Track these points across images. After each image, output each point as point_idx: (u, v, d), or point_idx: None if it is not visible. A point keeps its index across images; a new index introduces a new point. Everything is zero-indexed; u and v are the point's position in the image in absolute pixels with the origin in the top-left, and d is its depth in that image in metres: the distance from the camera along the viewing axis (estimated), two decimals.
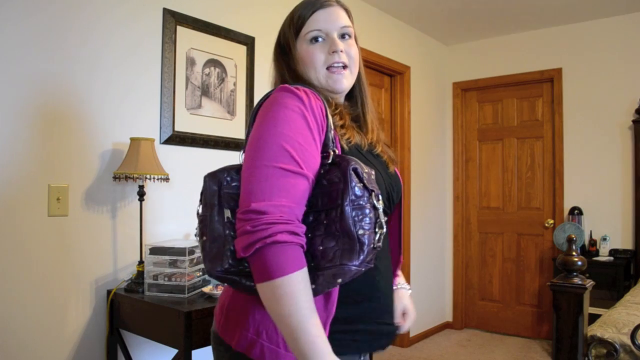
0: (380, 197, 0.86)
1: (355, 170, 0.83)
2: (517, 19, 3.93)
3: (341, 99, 1.09)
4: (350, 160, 0.85)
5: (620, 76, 3.75)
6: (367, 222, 0.82)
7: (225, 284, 0.93)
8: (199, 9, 2.47)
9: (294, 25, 1.04)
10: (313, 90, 0.95)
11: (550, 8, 3.68)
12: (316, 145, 0.89)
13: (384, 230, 0.85)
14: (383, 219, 0.85)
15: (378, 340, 0.99)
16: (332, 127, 0.93)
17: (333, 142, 0.92)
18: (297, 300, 0.77)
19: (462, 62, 4.52)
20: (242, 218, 0.82)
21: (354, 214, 0.81)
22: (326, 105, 0.94)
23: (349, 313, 0.94)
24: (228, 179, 0.91)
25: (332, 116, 0.97)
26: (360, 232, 0.81)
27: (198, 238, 0.93)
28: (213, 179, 0.92)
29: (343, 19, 1.04)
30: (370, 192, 0.84)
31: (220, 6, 2.59)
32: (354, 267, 0.81)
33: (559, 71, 4.02)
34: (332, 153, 0.88)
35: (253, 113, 0.97)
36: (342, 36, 1.04)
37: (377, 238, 0.84)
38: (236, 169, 0.92)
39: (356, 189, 0.82)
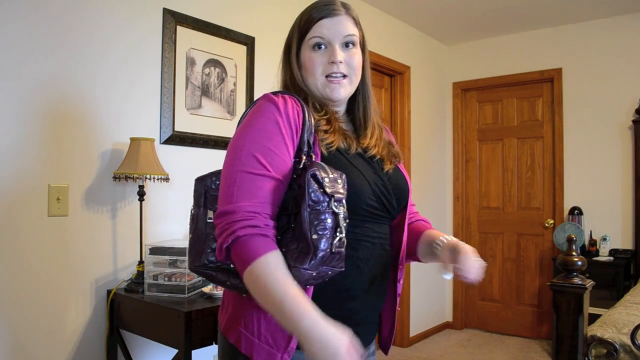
0: (342, 202, 0.86)
1: (314, 176, 0.84)
2: (517, 19, 3.93)
3: (342, 104, 1.10)
4: (312, 166, 0.86)
5: (620, 76, 3.75)
6: (323, 226, 0.83)
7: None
8: (199, 9, 2.47)
9: (300, 29, 1.06)
10: (294, 97, 0.99)
11: (550, 8, 3.68)
12: (287, 149, 0.92)
13: (343, 235, 0.85)
14: (343, 223, 0.85)
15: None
16: (313, 131, 0.96)
17: (310, 147, 0.94)
18: (270, 278, 0.82)
19: (462, 62, 4.52)
20: (215, 220, 0.90)
21: (311, 217, 0.83)
22: (305, 110, 0.97)
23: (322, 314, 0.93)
24: (215, 182, 0.99)
25: (319, 120, 1.00)
26: (315, 236, 0.83)
27: (189, 232, 1.02)
28: (201, 182, 1.00)
29: (348, 27, 1.04)
30: (330, 197, 0.84)
31: (220, 6, 2.58)
32: (306, 272, 0.83)
33: (559, 71, 4.02)
34: (304, 158, 0.91)
35: (239, 121, 1.03)
36: (346, 45, 1.04)
37: (336, 242, 0.84)
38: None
39: (313, 194, 0.84)
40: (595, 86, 3.86)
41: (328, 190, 0.84)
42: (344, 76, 1.04)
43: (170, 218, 2.35)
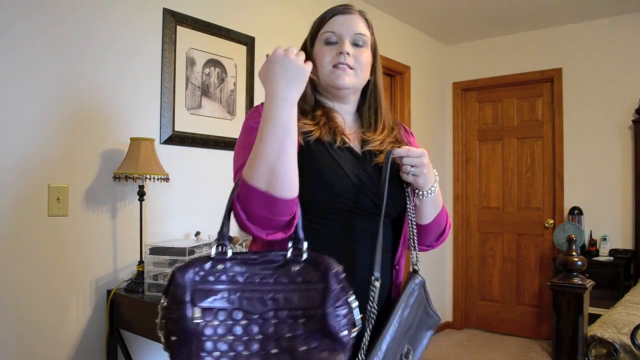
0: (354, 297, 0.85)
1: (336, 275, 0.82)
2: (517, 19, 3.93)
3: (349, 99, 1.11)
4: (330, 263, 0.84)
5: (620, 76, 3.75)
6: (345, 322, 0.82)
7: None
8: (199, 9, 2.47)
9: (315, 25, 1.11)
10: None
11: (550, 8, 3.68)
12: None
13: (359, 327, 0.85)
14: (358, 316, 0.84)
15: None
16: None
17: None
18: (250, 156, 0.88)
19: (462, 62, 4.52)
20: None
21: (336, 313, 0.81)
22: None
23: None
24: (199, 273, 0.84)
25: (302, 111, 1.03)
26: (343, 333, 0.81)
27: (162, 336, 0.84)
28: (182, 274, 0.83)
29: (359, 26, 1.08)
30: (347, 292, 0.84)
31: (220, 6, 2.58)
32: None
33: (559, 71, 4.02)
34: (304, 250, 0.86)
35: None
36: (356, 43, 1.07)
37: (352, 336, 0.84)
38: (208, 263, 0.85)
39: (337, 291, 0.82)
40: (595, 86, 3.86)
41: (346, 287, 0.84)
42: (350, 68, 1.06)
43: (170, 218, 2.35)
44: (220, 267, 0.85)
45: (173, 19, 2.35)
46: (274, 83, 0.88)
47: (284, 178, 0.85)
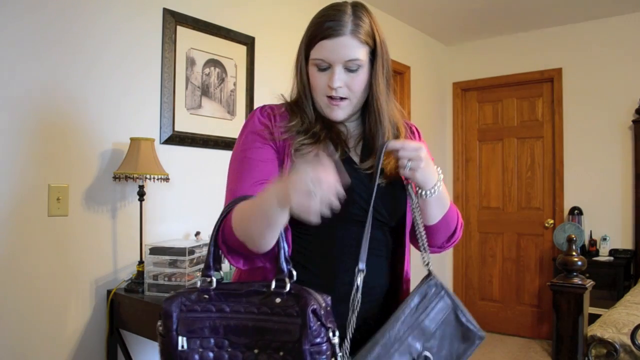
0: (336, 332, 0.84)
1: (314, 312, 0.82)
2: (517, 19, 3.92)
3: (352, 118, 1.10)
4: (309, 299, 0.83)
5: (620, 76, 3.75)
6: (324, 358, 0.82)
7: None
8: (199, 9, 2.47)
9: (305, 42, 1.04)
10: (274, 108, 1.07)
11: (550, 8, 3.68)
12: (263, 147, 1.02)
13: None
14: (339, 353, 0.84)
15: None
16: (280, 138, 1.02)
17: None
18: (240, 211, 0.89)
19: (462, 62, 4.52)
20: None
21: (312, 351, 0.81)
22: (270, 121, 1.04)
23: None
24: (186, 303, 0.88)
25: (297, 123, 1.03)
26: None
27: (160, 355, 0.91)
28: (169, 304, 0.88)
29: (350, 51, 0.98)
30: (327, 329, 0.83)
31: (220, 6, 2.58)
32: None
33: (559, 71, 4.02)
34: (287, 282, 0.86)
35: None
36: (348, 69, 0.99)
37: None
38: (195, 293, 0.89)
39: (314, 329, 0.82)
40: (595, 86, 3.86)
41: (325, 322, 0.83)
42: (343, 98, 1.02)
43: (170, 218, 2.35)
44: (205, 296, 0.88)
45: (173, 19, 2.35)
46: (282, 201, 0.80)
47: (265, 246, 0.89)
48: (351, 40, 0.98)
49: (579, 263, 1.70)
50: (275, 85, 1.14)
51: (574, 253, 1.73)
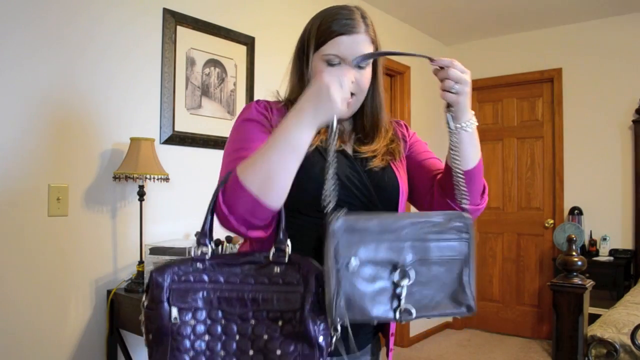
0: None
1: (317, 278, 0.81)
2: (517, 19, 3.93)
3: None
4: (312, 266, 0.82)
5: (620, 76, 3.75)
6: (324, 327, 0.81)
7: None
8: (199, 9, 2.47)
9: (316, 38, 1.03)
10: (270, 102, 1.07)
11: (550, 8, 3.68)
12: (264, 133, 1.00)
13: (338, 333, 0.83)
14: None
15: None
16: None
17: None
18: (253, 157, 0.86)
19: (462, 62, 4.44)
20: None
21: (312, 315, 0.80)
22: (267, 112, 1.05)
23: None
24: (178, 272, 0.84)
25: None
26: (320, 339, 0.80)
27: (144, 333, 0.87)
28: (160, 274, 0.84)
29: (365, 47, 1.01)
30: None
31: (220, 6, 2.58)
32: None
33: (559, 71, 4.02)
34: (287, 251, 0.84)
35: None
36: (359, 66, 1.01)
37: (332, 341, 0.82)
38: (188, 263, 0.86)
39: (315, 295, 0.81)
40: (595, 86, 3.86)
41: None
42: (352, 94, 1.01)
43: (170, 218, 2.35)
44: (199, 266, 0.84)
45: (173, 19, 2.35)
46: (309, 106, 0.83)
47: (278, 190, 0.84)
48: (365, 37, 1.02)
49: (579, 263, 1.70)
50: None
51: (574, 253, 1.73)
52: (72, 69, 2.00)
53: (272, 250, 0.84)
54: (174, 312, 0.82)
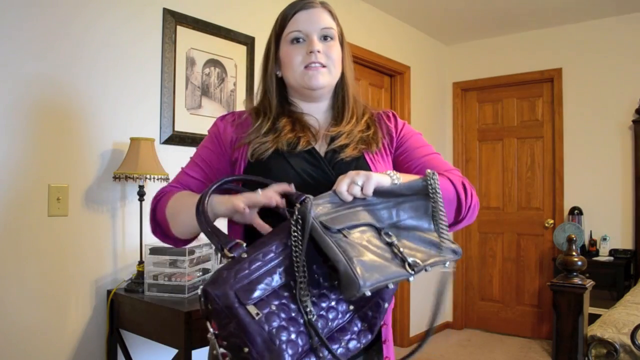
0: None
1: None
2: (517, 19, 3.93)
3: (323, 98, 1.10)
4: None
5: (620, 76, 3.75)
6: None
7: None
8: (199, 9, 2.47)
9: (276, 28, 1.08)
10: (235, 115, 1.12)
11: (550, 8, 3.68)
12: (214, 152, 1.09)
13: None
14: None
15: None
16: (236, 145, 1.05)
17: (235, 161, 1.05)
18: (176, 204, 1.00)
19: (462, 62, 4.52)
20: None
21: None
22: (224, 128, 1.09)
23: None
24: (231, 274, 0.75)
25: (259, 125, 1.06)
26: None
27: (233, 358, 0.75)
28: (215, 287, 0.73)
29: (324, 20, 1.05)
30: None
31: (220, 6, 2.59)
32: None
33: (559, 71, 4.02)
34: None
35: None
36: (324, 38, 1.05)
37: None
38: (231, 260, 0.77)
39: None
40: (595, 86, 3.86)
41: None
42: (323, 66, 1.03)
43: None
44: (244, 256, 0.77)
45: (173, 19, 2.35)
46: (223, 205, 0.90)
47: (188, 235, 1.02)
48: (323, 11, 1.06)
49: (579, 263, 1.70)
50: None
51: (574, 253, 1.73)
52: (71, 69, 2.00)
53: (287, 211, 0.82)
54: (252, 308, 0.73)
